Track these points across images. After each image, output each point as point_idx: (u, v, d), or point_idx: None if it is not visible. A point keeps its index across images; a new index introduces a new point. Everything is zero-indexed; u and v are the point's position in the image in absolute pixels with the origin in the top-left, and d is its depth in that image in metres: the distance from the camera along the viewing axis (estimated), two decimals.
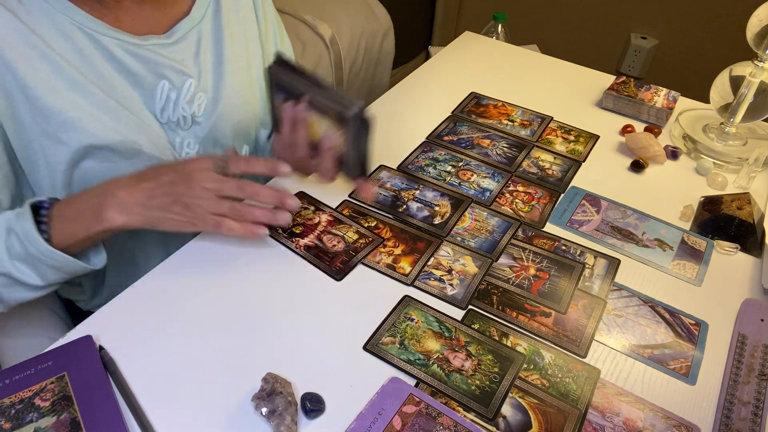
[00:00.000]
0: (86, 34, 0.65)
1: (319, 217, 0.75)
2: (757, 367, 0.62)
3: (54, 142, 0.65)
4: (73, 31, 0.64)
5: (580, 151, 0.92)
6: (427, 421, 0.53)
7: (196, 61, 0.74)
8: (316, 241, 0.71)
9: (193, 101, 0.74)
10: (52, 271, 0.62)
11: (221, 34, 0.77)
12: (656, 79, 2.09)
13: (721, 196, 0.81)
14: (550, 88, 1.08)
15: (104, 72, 0.66)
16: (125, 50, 0.67)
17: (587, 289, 0.69)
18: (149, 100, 0.71)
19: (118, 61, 0.67)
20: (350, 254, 0.70)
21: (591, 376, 0.59)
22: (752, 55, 0.88)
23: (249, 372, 0.57)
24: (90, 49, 0.65)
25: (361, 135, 0.65)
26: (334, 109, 0.64)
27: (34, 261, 0.61)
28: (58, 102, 0.63)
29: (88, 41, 0.65)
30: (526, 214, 0.79)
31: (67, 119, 0.64)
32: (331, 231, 0.73)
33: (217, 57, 0.77)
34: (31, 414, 0.51)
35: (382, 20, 1.81)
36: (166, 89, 0.71)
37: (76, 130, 0.65)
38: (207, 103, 0.76)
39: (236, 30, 0.79)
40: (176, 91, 0.72)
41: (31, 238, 0.59)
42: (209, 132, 0.77)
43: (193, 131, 0.76)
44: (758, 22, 0.86)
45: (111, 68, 0.67)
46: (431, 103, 1.01)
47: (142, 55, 0.69)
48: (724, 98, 0.92)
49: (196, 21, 0.74)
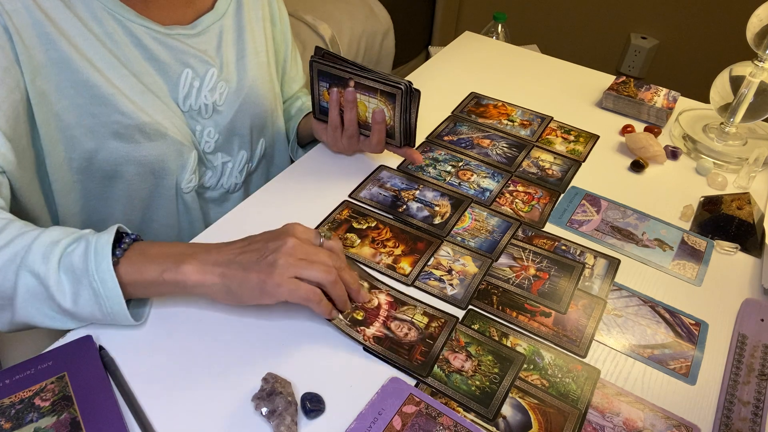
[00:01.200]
0: (116, 19, 0.67)
1: (377, 298, 0.65)
2: (757, 367, 0.62)
3: (86, 115, 0.66)
4: (104, 16, 0.66)
5: (580, 151, 0.92)
6: (427, 421, 0.53)
7: (219, 53, 0.78)
8: (384, 330, 0.62)
9: (215, 90, 0.77)
10: (89, 297, 0.54)
11: (243, 31, 0.81)
12: (656, 79, 2.09)
13: (721, 196, 0.81)
14: (550, 88, 1.08)
15: (132, 57, 0.69)
16: (152, 38, 0.70)
17: (587, 289, 0.69)
18: (173, 88, 0.73)
19: (145, 48, 0.70)
20: (427, 343, 0.61)
21: (591, 376, 0.59)
22: (752, 55, 0.88)
23: (249, 372, 0.57)
24: (119, 34, 0.68)
25: (410, 107, 0.73)
26: (383, 87, 0.72)
27: (81, 278, 0.53)
28: (96, 77, 0.65)
29: (117, 26, 0.68)
30: (526, 214, 0.79)
31: (102, 94, 0.66)
32: (397, 317, 0.63)
33: (239, 51, 0.80)
34: (31, 414, 0.51)
35: (382, 20, 1.81)
36: (189, 77, 0.74)
37: (108, 105, 0.67)
38: (228, 93, 0.79)
39: (257, 27, 0.83)
40: (199, 80, 0.75)
41: (101, 248, 0.54)
42: (229, 122, 0.80)
43: (213, 120, 0.79)
44: (758, 22, 0.86)
45: (138, 54, 0.70)
46: (431, 103, 1.01)
47: (168, 43, 0.72)
48: (724, 98, 0.92)
49: (219, 15, 0.78)
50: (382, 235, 0.73)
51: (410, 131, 0.77)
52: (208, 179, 0.82)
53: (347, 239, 0.72)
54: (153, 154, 0.72)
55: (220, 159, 0.82)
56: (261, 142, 0.88)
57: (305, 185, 0.81)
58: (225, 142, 0.81)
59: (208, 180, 0.82)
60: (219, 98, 0.78)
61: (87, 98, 0.66)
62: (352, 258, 0.70)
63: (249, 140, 0.85)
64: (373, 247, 0.72)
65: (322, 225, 0.74)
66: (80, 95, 0.65)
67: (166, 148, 0.72)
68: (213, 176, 0.82)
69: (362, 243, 0.72)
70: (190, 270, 0.55)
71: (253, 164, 0.88)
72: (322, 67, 0.77)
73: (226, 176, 0.84)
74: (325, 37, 1.60)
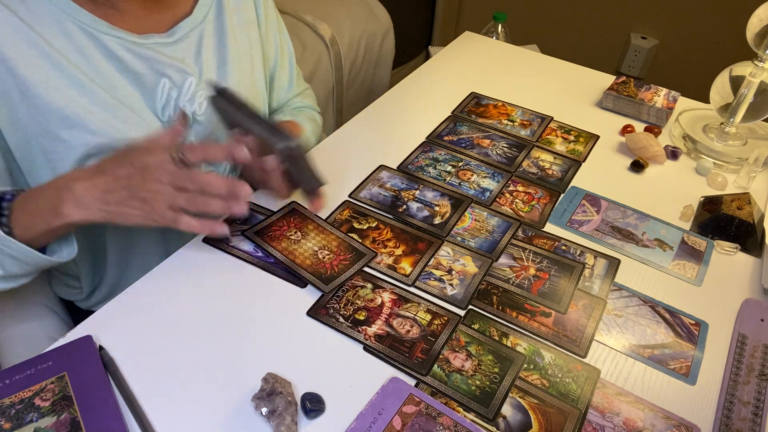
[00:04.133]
0: (86, 32, 0.65)
1: (381, 296, 0.65)
2: (757, 367, 0.62)
3: (54, 139, 0.65)
4: (73, 30, 0.64)
5: (580, 151, 0.92)
6: (427, 421, 0.53)
7: (197, 60, 0.74)
8: (386, 328, 0.62)
9: (194, 100, 0.74)
10: (12, 261, 0.60)
11: (225, 36, 0.77)
12: (656, 79, 2.09)
13: (721, 196, 0.81)
14: (550, 88, 1.08)
15: (104, 70, 0.66)
16: (126, 48, 0.67)
17: (587, 289, 0.69)
18: (150, 99, 0.71)
19: (118, 60, 0.67)
20: (429, 340, 0.61)
21: (591, 376, 0.59)
22: (752, 55, 0.88)
23: (249, 372, 0.57)
24: (90, 48, 0.65)
25: (297, 164, 0.69)
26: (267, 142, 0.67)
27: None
28: (58, 99, 0.63)
29: (88, 40, 0.65)
30: (526, 214, 0.79)
31: (67, 116, 0.64)
32: (400, 313, 0.64)
33: (220, 58, 0.77)
34: (31, 414, 0.51)
35: (382, 20, 1.81)
36: (166, 88, 0.71)
37: (75, 127, 0.64)
38: (208, 103, 0.76)
39: (239, 32, 0.80)
40: (177, 90, 0.72)
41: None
42: (211, 131, 0.77)
43: (194, 130, 0.76)
44: (758, 22, 0.86)
45: (111, 67, 0.67)
46: (431, 103, 1.01)
47: (143, 54, 0.69)
48: (724, 98, 0.92)
49: (198, 21, 0.75)
50: (382, 236, 0.73)
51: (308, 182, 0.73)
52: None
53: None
54: None
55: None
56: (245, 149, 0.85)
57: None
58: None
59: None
60: (198, 108, 0.74)
61: (54, 122, 0.64)
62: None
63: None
64: (373, 247, 0.72)
65: (323, 223, 0.74)
66: (47, 120, 0.63)
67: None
68: None
69: (363, 243, 0.72)
70: (69, 210, 0.59)
71: (237, 173, 0.85)
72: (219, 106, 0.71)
73: None
74: (325, 37, 1.60)
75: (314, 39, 1.59)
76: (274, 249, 0.70)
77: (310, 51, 1.55)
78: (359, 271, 0.68)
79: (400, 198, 0.80)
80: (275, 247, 0.70)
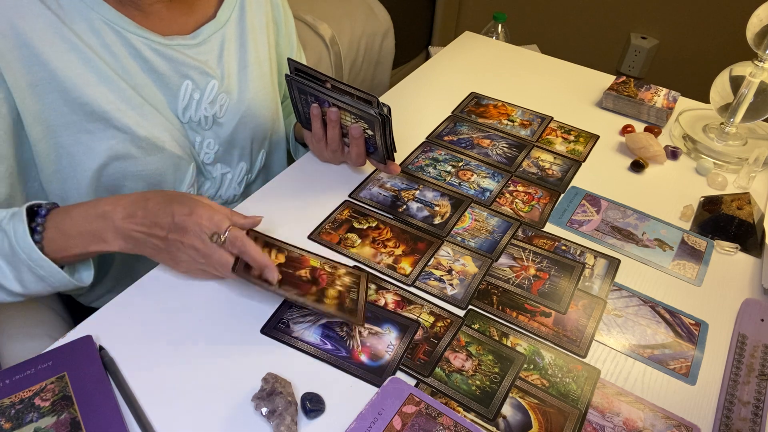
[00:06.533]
0: (114, 30, 0.66)
1: (384, 298, 0.65)
2: (757, 367, 0.62)
3: (79, 133, 0.65)
4: (101, 27, 0.65)
5: (580, 151, 0.92)
6: (427, 421, 0.53)
7: (220, 63, 0.75)
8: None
9: (216, 102, 0.75)
10: (34, 279, 0.60)
11: (245, 39, 0.78)
12: (656, 79, 2.09)
13: (721, 196, 0.81)
14: (550, 88, 1.08)
15: (131, 69, 0.68)
16: (151, 49, 0.68)
17: (587, 289, 0.69)
18: (172, 100, 0.72)
19: (144, 59, 0.68)
20: (431, 342, 0.61)
21: (591, 376, 0.59)
22: (752, 55, 0.88)
23: (249, 372, 0.57)
24: (117, 46, 0.66)
25: (384, 128, 0.72)
26: (356, 111, 0.71)
27: (18, 265, 0.58)
28: (89, 93, 0.64)
29: (116, 37, 0.66)
30: (526, 214, 0.79)
31: (95, 111, 0.65)
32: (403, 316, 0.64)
33: (241, 61, 0.78)
34: (31, 414, 0.51)
35: (382, 20, 1.81)
36: (189, 89, 0.72)
37: (103, 121, 0.65)
38: (229, 105, 0.77)
39: (260, 36, 0.81)
40: (199, 92, 0.73)
41: (22, 241, 0.57)
42: (230, 134, 0.79)
43: (214, 131, 0.77)
44: (758, 22, 0.86)
45: (137, 66, 0.68)
46: (431, 103, 1.01)
47: (168, 54, 0.70)
48: (724, 98, 0.92)
49: (221, 24, 0.76)
50: (382, 235, 0.73)
51: (388, 148, 0.75)
52: (206, 190, 0.81)
53: (348, 239, 0.72)
54: (150, 169, 0.70)
55: (219, 170, 0.81)
56: (261, 154, 0.86)
57: (305, 185, 0.81)
58: (225, 153, 0.80)
59: (207, 191, 0.81)
60: (219, 110, 0.76)
61: (81, 115, 0.64)
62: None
63: (249, 152, 0.83)
64: (373, 247, 0.72)
65: (322, 225, 0.74)
66: (74, 113, 0.64)
67: (164, 162, 0.71)
68: (211, 187, 0.81)
69: (363, 243, 0.72)
70: (114, 239, 0.60)
71: (253, 175, 0.87)
72: (299, 84, 0.74)
73: (225, 187, 0.83)
74: (325, 37, 1.60)
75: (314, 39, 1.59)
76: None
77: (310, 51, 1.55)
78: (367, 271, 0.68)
79: (400, 198, 0.80)
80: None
